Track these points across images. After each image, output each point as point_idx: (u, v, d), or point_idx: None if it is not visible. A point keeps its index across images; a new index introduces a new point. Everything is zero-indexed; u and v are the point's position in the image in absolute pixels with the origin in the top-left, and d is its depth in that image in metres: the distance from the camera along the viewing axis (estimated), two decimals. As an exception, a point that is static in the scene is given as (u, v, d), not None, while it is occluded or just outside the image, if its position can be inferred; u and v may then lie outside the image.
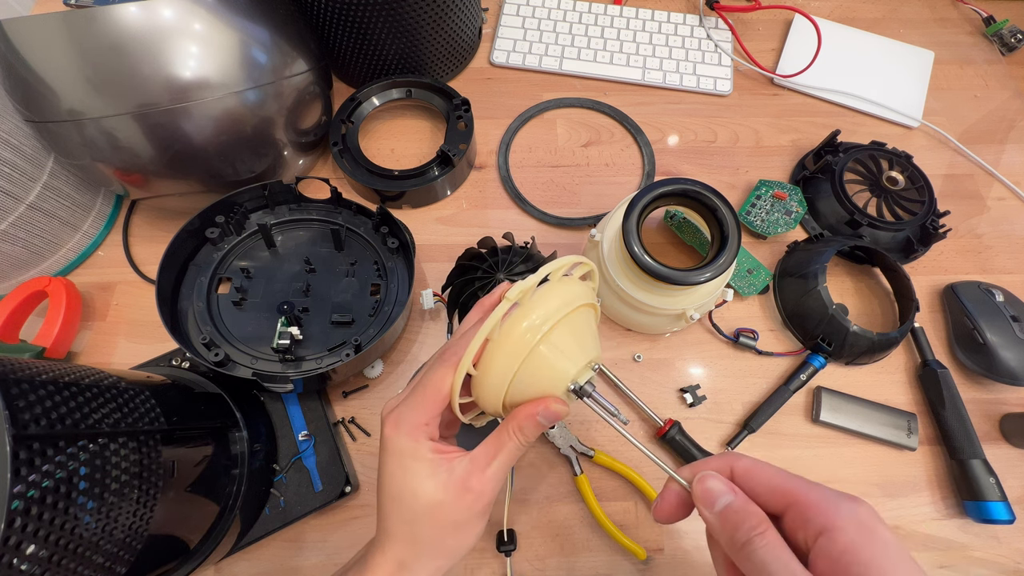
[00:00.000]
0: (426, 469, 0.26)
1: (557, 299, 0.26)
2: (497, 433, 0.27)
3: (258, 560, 0.41)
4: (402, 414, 0.27)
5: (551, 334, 0.26)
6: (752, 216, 0.53)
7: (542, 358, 0.26)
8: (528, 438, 0.26)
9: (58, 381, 0.26)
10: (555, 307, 0.26)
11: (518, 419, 0.26)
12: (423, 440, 0.26)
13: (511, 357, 0.25)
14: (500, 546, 0.41)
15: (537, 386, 0.26)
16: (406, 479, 0.26)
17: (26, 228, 0.44)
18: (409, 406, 0.27)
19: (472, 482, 0.26)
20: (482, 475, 0.26)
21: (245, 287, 0.45)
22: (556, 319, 0.26)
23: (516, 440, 0.26)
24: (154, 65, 0.38)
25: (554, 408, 0.26)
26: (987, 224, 0.56)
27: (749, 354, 0.49)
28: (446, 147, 0.52)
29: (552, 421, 0.26)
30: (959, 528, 0.44)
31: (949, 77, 0.65)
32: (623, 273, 0.45)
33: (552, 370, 0.26)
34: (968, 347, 0.48)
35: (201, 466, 0.34)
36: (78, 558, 0.23)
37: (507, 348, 0.25)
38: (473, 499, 0.26)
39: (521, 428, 0.26)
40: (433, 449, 0.26)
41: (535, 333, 0.25)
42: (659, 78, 0.62)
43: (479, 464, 0.26)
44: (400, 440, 0.27)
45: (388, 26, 0.51)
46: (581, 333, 0.27)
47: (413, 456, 0.26)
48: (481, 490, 0.26)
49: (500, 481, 0.27)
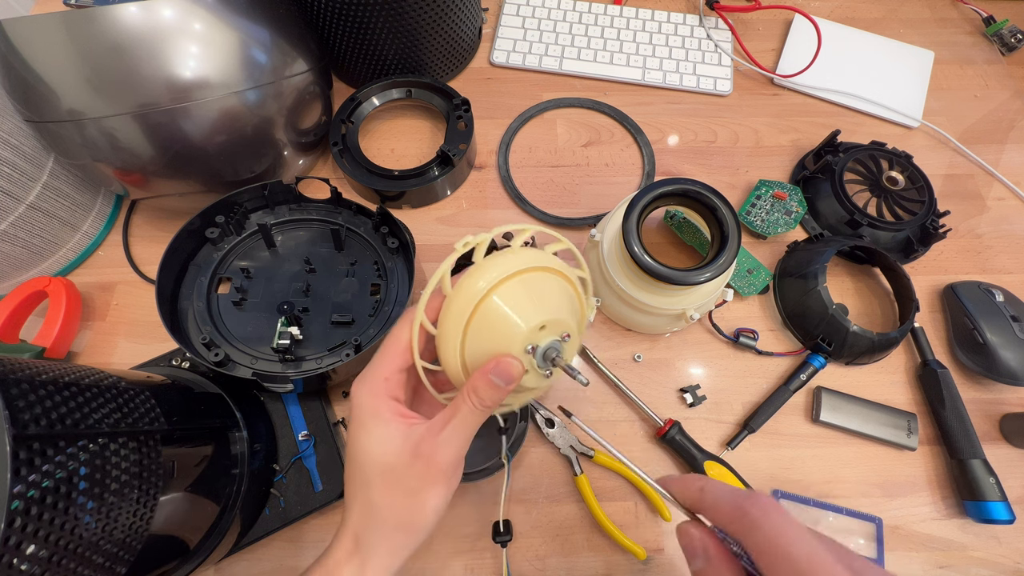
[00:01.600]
0: (381, 430, 0.26)
1: (513, 260, 0.26)
2: (454, 400, 0.26)
3: (258, 560, 0.41)
4: (365, 371, 0.27)
5: (501, 287, 0.25)
6: (752, 216, 0.53)
7: (492, 314, 0.25)
8: (484, 401, 0.25)
9: (58, 381, 0.26)
10: (509, 264, 0.25)
11: (472, 380, 0.25)
12: (382, 397, 0.26)
13: (460, 312, 0.25)
14: (496, 536, 0.41)
15: (492, 345, 0.25)
16: (363, 438, 0.26)
17: (26, 228, 0.44)
18: (372, 362, 0.27)
19: (423, 446, 0.25)
20: (434, 439, 0.25)
21: (245, 287, 0.45)
22: (508, 273, 0.25)
23: (470, 403, 0.25)
24: (154, 65, 0.38)
25: (507, 365, 0.24)
26: (987, 224, 0.56)
27: (749, 354, 0.49)
28: (446, 147, 0.52)
29: (507, 380, 0.24)
30: (959, 528, 0.44)
31: (949, 77, 0.65)
32: (623, 273, 0.45)
33: (504, 326, 0.25)
34: (968, 347, 0.48)
35: (201, 466, 0.34)
36: (78, 558, 0.23)
37: (457, 301, 0.25)
38: (424, 464, 0.25)
39: (475, 389, 0.25)
40: (393, 410, 0.26)
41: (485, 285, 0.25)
42: (659, 78, 0.62)
43: (433, 429, 0.25)
44: (362, 396, 0.27)
45: (388, 26, 0.51)
46: (543, 295, 0.26)
47: (372, 414, 0.26)
48: (431, 454, 0.25)
49: (455, 447, 0.25)
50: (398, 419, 0.26)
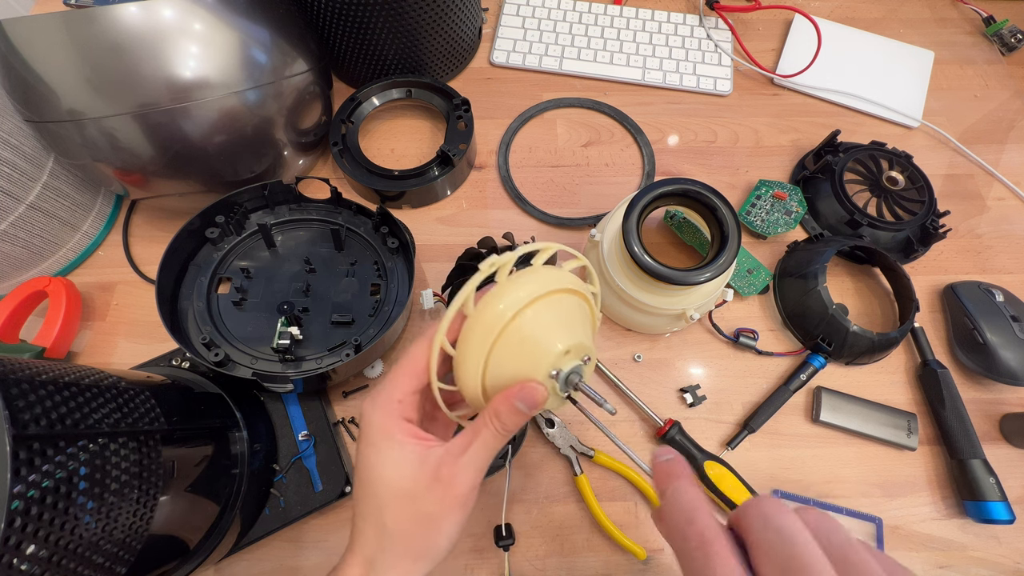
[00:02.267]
0: (396, 452, 0.25)
1: (537, 279, 0.25)
2: (474, 422, 0.25)
3: (258, 560, 0.41)
4: (378, 392, 0.26)
5: (527, 312, 0.24)
6: (752, 216, 0.53)
7: (517, 339, 0.24)
8: (506, 425, 0.24)
9: (58, 381, 0.26)
10: (534, 287, 0.25)
11: (494, 405, 0.24)
12: (397, 419, 0.25)
13: (484, 336, 0.24)
14: (498, 541, 0.41)
15: (516, 369, 0.25)
16: (376, 461, 0.25)
17: (26, 228, 0.44)
18: (386, 383, 0.26)
19: (443, 471, 0.24)
20: (454, 463, 0.24)
21: (245, 287, 0.45)
22: (532, 297, 0.24)
23: (492, 427, 0.24)
24: (154, 65, 0.38)
25: (531, 391, 0.24)
26: (987, 224, 0.56)
27: (749, 354, 0.49)
28: (446, 147, 0.52)
29: (532, 407, 0.24)
30: (959, 528, 0.44)
31: (949, 77, 0.65)
32: (623, 273, 0.45)
33: (530, 353, 0.25)
34: (968, 347, 0.48)
35: (201, 466, 0.34)
36: (78, 558, 0.23)
37: (479, 326, 0.24)
38: (444, 489, 0.24)
39: (497, 413, 0.24)
40: (407, 432, 0.25)
41: (509, 311, 0.24)
42: (659, 78, 0.62)
43: (453, 452, 0.25)
44: (374, 416, 0.25)
45: (388, 26, 0.51)
46: (565, 318, 0.26)
47: (386, 435, 0.25)
48: (452, 479, 0.24)
49: (475, 471, 0.25)
50: (413, 441, 0.25)
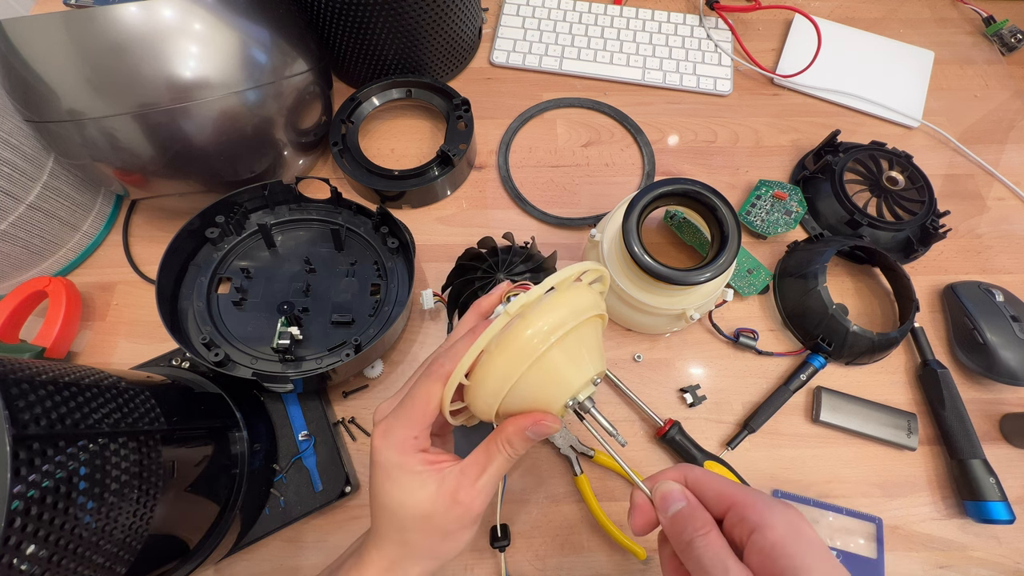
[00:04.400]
0: (414, 481, 0.26)
1: (565, 309, 0.25)
2: (486, 445, 0.27)
3: (258, 560, 0.41)
4: (391, 427, 0.27)
5: (552, 351, 0.24)
6: (752, 216, 0.53)
7: (544, 371, 0.25)
8: (517, 452, 0.27)
9: (58, 381, 0.26)
10: (562, 317, 0.24)
11: (507, 433, 0.26)
12: (412, 453, 0.26)
13: (510, 368, 0.24)
14: (494, 542, 0.41)
15: (534, 399, 0.25)
16: (394, 491, 0.26)
17: (26, 228, 0.44)
18: (398, 419, 0.27)
19: (461, 495, 0.26)
20: (471, 488, 0.26)
21: (245, 287, 0.45)
22: (564, 331, 0.24)
23: (505, 453, 0.27)
24: (154, 65, 0.38)
25: (545, 425, 0.26)
26: (987, 224, 0.56)
27: (749, 354, 0.49)
28: (446, 147, 0.52)
29: (541, 438, 0.26)
30: (959, 528, 0.44)
31: (949, 77, 0.65)
32: (623, 273, 0.45)
33: (553, 384, 0.25)
34: (968, 347, 0.48)
35: (201, 466, 0.34)
36: (78, 558, 0.23)
37: (507, 359, 0.24)
38: (462, 511, 0.26)
39: (510, 442, 0.26)
40: (422, 461, 0.26)
41: (541, 343, 0.24)
42: (659, 78, 0.62)
43: (469, 477, 0.26)
44: (388, 453, 0.27)
45: (388, 26, 0.51)
46: (588, 346, 0.26)
47: (401, 469, 0.26)
48: (471, 503, 0.26)
49: (490, 493, 0.27)
50: (429, 469, 0.26)
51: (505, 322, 0.24)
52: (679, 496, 0.26)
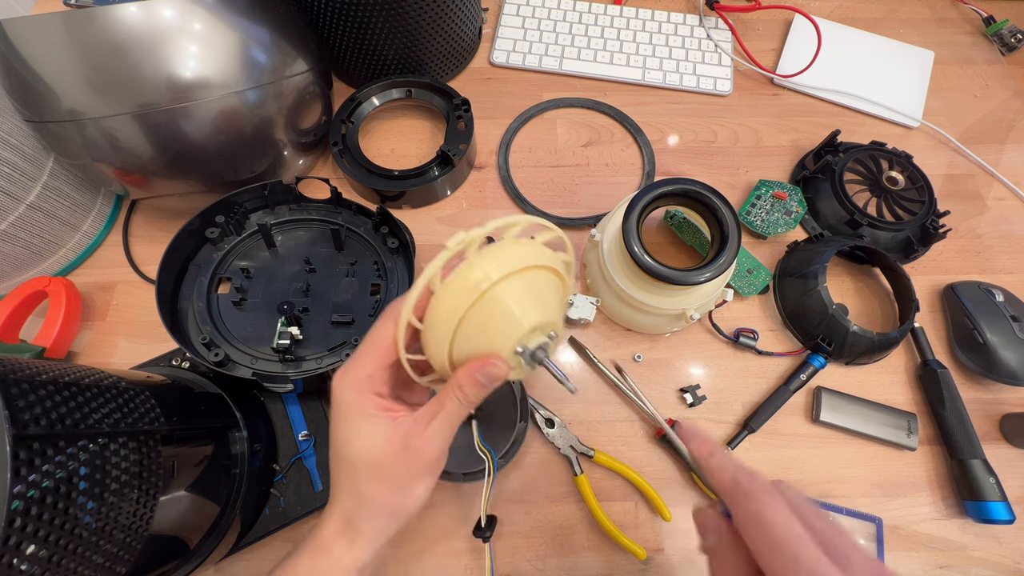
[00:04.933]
0: (367, 425, 0.26)
1: (508, 254, 0.25)
2: (440, 394, 0.27)
3: (258, 560, 0.41)
4: (348, 368, 0.27)
5: (496, 290, 0.24)
6: (752, 216, 0.53)
7: (484, 316, 0.24)
8: (469, 397, 0.26)
9: (58, 381, 0.26)
10: (504, 261, 0.24)
11: (457, 378, 0.26)
12: (367, 393, 0.26)
13: (450, 313, 0.24)
14: (476, 531, 0.39)
15: (483, 343, 0.25)
16: (348, 434, 0.26)
17: (26, 228, 0.44)
18: (355, 359, 0.27)
19: (411, 440, 0.26)
20: (421, 434, 0.26)
21: (245, 287, 0.45)
22: (501, 275, 0.24)
23: (455, 398, 0.26)
24: (154, 65, 0.38)
25: (493, 367, 0.25)
26: (987, 224, 0.56)
27: (749, 354, 0.49)
28: (446, 147, 0.52)
29: (493, 381, 0.25)
30: (959, 528, 0.44)
31: (949, 77, 0.65)
32: (623, 273, 0.45)
33: (496, 330, 0.25)
34: (968, 347, 0.48)
35: (201, 466, 0.34)
36: (78, 558, 0.23)
37: (446, 303, 0.24)
38: (412, 457, 0.26)
39: (461, 386, 0.26)
40: (377, 405, 0.26)
41: (483, 281, 0.24)
42: (659, 78, 0.62)
43: (420, 423, 0.26)
44: (345, 393, 0.27)
45: (388, 26, 0.51)
46: (534, 295, 0.26)
47: (357, 410, 0.26)
48: (420, 448, 0.26)
49: (441, 440, 0.27)
50: (383, 414, 0.26)
51: (447, 256, 0.24)
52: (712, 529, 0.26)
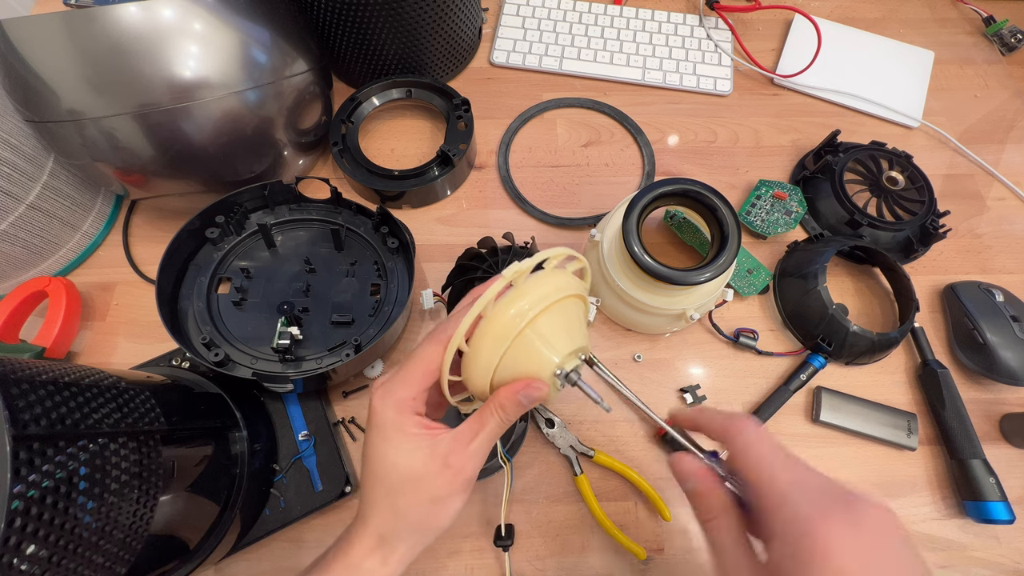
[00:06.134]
0: (409, 443, 0.27)
1: (548, 286, 0.27)
2: (480, 412, 0.28)
3: (258, 560, 0.41)
4: (390, 387, 0.27)
5: (539, 319, 0.26)
6: (752, 216, 0.53)
7: (529, 342, 0.26)
8: (509, 416, 0.27)
9: (58, 381, 0.26)
10: (545, 293, 0.26)
11: (500, 398, 0.27)
12: (408, 414, 0.27)
13: (499, 339, 0.26)
14: (497, 540, 0.41)
15: (524, 369, 0.27)
16: (388, 452, 0.27)
17: (26, 228, 0.44)
18: (398, 380, 0.27)
19: (452, 458, 0.26)
20: (463, 452, 0.27)
21: (245, 287, 0.45)
22: (545, 305, 0.26)
23: (497, 417, 0.27)
24: (154, 65, 0.38)
25: (535, 390, 0.26)
26: (987, 224, 0.56)
27: (749, 354, 0.49)
28: (446, 147, 0.52)
29: (533, 403, 0.27)
30: (959, 528, 0.44)
31: (949, 77, 0.65)
32: (623, 273, 0.45)
33: (538, 355, 0.27)
34: (968, 347, 0.48)
35: (201, 466, 0.34)
36: (78, 558, 0.23)
37: (496, 330, 0.26)
38: (453, 475, 0.27)
39: (503, 406, 0.27)
40: (418, 424, 0.27)
41: (523, 318, 0.26)
42: (659, 78, 0.62)
43: (462, 441, 0.27)
44: (386, 412, 0.27)
45: (388, 26, 0.51)
46: (569, 322, 0.28)
47: (398, 429, 0.27)
48: (461, 466, 0.27)
49: (481, 458, 0.27)
50: (425, 432, 0.27)
51: (500, 286, 0.25)
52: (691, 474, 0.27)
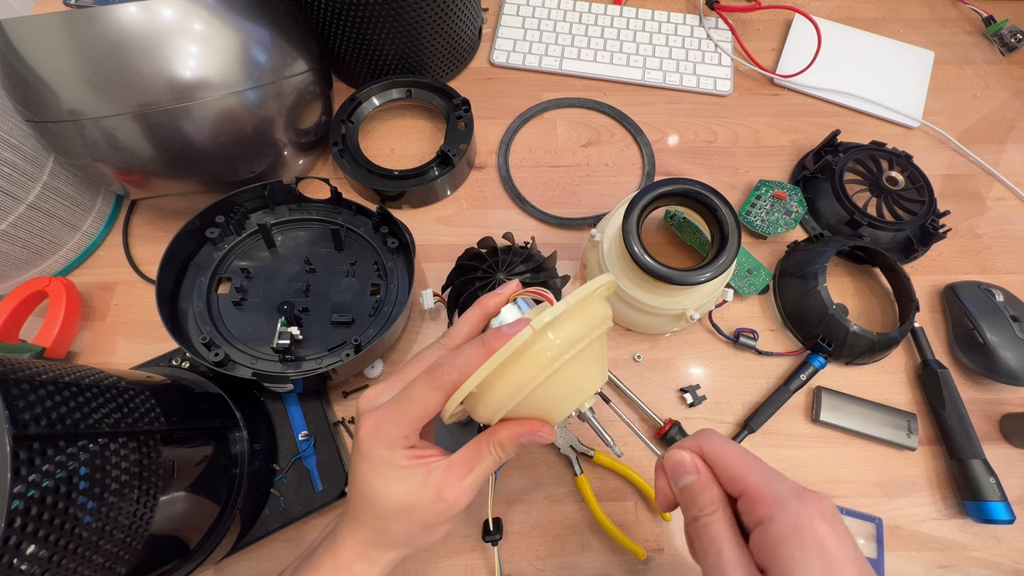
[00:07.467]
0: (399, 474, 0.26)
1: (582, 324, 0.25)
2: (477, 444, 0.27)
3: (258, 560, 0.41)
4: (381, 423, 0.26)
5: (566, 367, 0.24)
6: (752, 216, 0.53)
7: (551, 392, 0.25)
8: (508, 456, 0.27)
9: (58, 381, 0.26)
10: (575, 337, 0.24)
11: (500, 437, 0.26)
12: (399, 450, 0.26)
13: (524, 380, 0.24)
14: (486, 535, 0.40)
15: (536, 412, 0.26)
16: (376, 482, 0.26)
17: (26, 228, 0.44)
18: (390, 416, 0.26)
19: (447, 492, 0.26)
20: (458, 485, 0.26)
21: (245, 287, 0.45)
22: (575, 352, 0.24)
23: (495, 455, 0.27)
24: (154, 65, 0.38)
25: (541, 436, 0.26)
26: (987, 224, 0.56)
27: (749, 354, 0.49)
28: (446, 147, 0.52)
29: (535, 446, 0.27)
30: (959, 528, 0.44)
31: (949, 77, 0.65)
32: (623, 273, 0.45)
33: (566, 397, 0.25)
34: (968, 347, 0.48)
35: (201, 466, 0.34)
36: (78, 558, 0.23)
37: (522, 370, 0.24)
38: (446, 507, 0.26)
39: (502, 446, 0.26)
40: (409, 456, 0.26)
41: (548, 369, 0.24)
42: (659, 78, 0.62)
43: (456, 474, 0.26)
44: (376, 448, 0.26)
45: (388, 26, 0.51)
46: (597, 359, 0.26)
47: (387, 463, 0.26)
48: (455, 500, 0.26)
49: (475, 491, 0.27)
50: (416, 463, 0.26)
51: (528, 336, 0.23)
52: (690, 468, 0.25)
